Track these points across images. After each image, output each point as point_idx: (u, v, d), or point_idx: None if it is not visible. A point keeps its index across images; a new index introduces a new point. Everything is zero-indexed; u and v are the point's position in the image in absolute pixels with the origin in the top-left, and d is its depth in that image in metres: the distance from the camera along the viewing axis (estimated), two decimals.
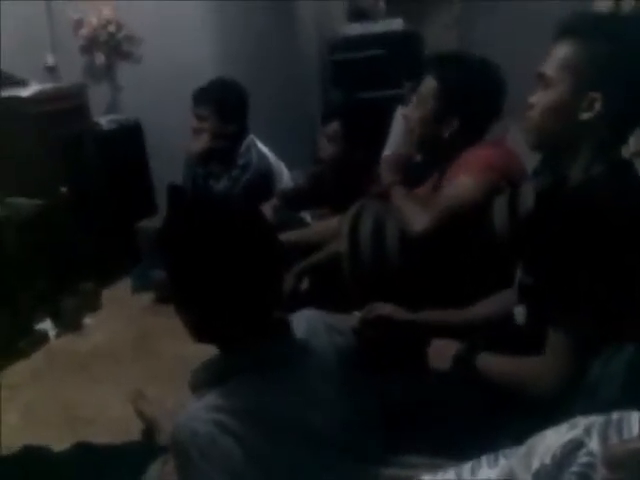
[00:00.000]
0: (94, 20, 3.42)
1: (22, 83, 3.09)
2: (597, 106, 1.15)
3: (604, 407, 0.76)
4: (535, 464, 0.75)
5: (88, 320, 2.95)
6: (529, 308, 1.26)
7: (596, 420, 0.73)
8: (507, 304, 1.36)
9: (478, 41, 4.25)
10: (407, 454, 1.19)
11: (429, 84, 1.80)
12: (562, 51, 1.19)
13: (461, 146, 1.77)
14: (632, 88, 1.15)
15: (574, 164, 1.21)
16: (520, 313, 1.29)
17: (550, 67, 1.20)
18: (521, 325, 1.28)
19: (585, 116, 1.16)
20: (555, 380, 1.10)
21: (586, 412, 0.76)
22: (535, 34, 2.31)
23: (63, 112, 3.06)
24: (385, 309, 1.53)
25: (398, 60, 3.84)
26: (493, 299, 1.48)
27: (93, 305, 3.04)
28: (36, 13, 3.47)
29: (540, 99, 1.22)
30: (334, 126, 2.34)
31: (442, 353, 1.31)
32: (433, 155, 1.88)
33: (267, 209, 2.48)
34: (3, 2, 3.11)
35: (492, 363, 1.23)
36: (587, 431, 0.73)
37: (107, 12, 3.41)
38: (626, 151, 1.34)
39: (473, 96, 1.76)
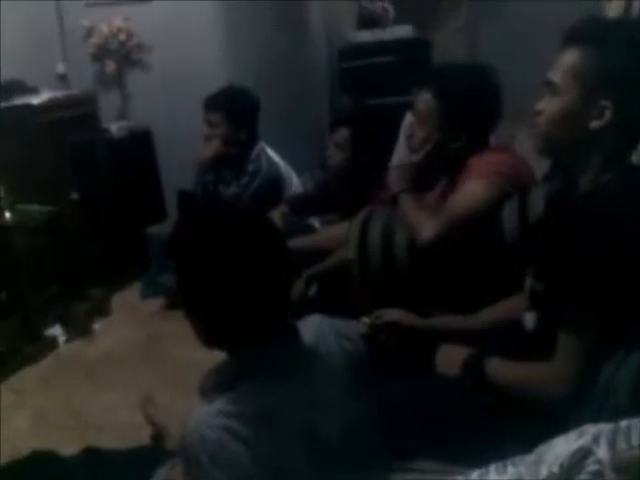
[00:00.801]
0: (104, 28, 3.45)
1: (33, 91, 3.12)
2: (607, 114, 1.13)
3: (614, 413, 0.76)
4: (543, 472, 0.75)
5: (98, 325, 2.96)
6: (539, 314, 1.25)
7: (604, 428, 0.73)
8: (516, 310, 1.36)
9: (486, 46, 4.25)
10: (414, 460, 1.19)
11: (425, 98, 1.79)
12: (569, 58, 1.17)
13: (468, 154, 1.78)
14: None
15: (584, 170, 1.20)
16: (529, 319, 1.28)
17: (557, 74, 1.18)
18: (530, 331, 1.28)
19: (595, 124, 1.14)
20: (564, 385, 1.10)
21: (595, 418, 0.76)
22: (542, 37, 2.31)
23: (74, 119, 3.08)
24: (394, 315, 1.53)
25: (407, 67, 3.84)
26: (502, 305, 1.48)
27: (103, 310, 3.05)
28: (47, 22, 3.50)
29: (547, 106, 1.20)
30: (342, 132, 2.35)
31: (451, 359, 1.30)
32: (441, 165, 1.88)
33: (275, 215, 2.48)
34: (15, 11, 3.14)
35: (501, 369, 1.22)
36: (595, 439, 0.72)
37: (117, 20, 3.44)
38: (635, 157, 1.33)
39: (475, 107, 1.76)
